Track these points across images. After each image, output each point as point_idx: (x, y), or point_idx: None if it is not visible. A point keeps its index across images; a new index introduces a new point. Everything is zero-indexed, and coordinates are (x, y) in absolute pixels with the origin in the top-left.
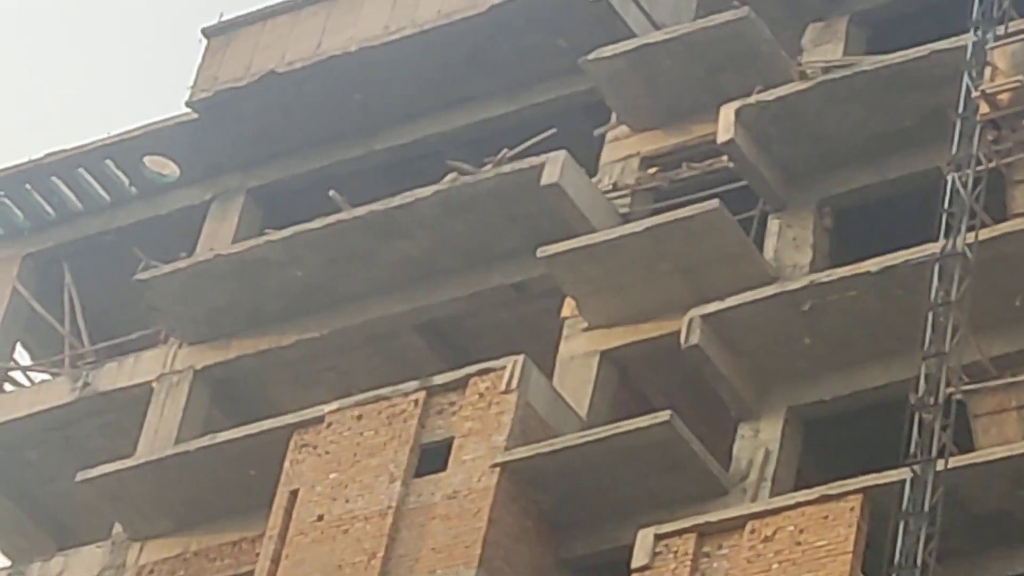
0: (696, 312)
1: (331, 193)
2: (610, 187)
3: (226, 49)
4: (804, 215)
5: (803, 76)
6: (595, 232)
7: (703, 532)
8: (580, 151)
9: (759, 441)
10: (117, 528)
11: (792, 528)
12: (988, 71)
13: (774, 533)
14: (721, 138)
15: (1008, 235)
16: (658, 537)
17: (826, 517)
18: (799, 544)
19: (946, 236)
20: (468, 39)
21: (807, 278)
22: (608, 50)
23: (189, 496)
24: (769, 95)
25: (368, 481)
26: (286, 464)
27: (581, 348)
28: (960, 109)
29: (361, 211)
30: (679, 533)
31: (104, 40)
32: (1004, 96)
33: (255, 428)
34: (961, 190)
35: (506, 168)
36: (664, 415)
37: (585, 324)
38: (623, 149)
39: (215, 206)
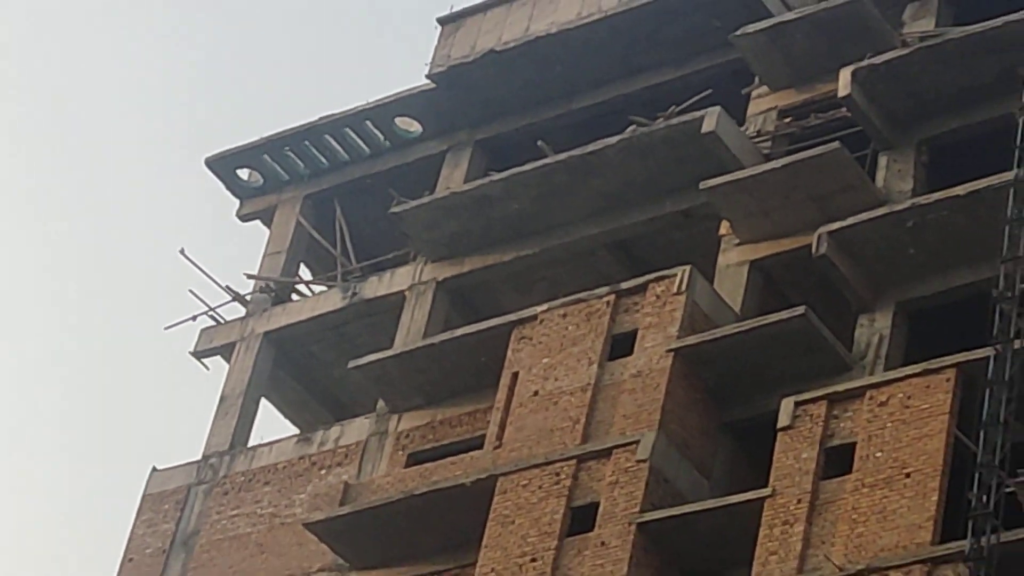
0: (824, 229)
1: (539, 143)
2: (755, 134)
3: (456, 33)
4: (906, 153)
5: (904, 44)
6: (744, 168)
7: (832, 399)
8: (731, 107)
9: (874, 328)
10: (380, 404)
11: (901, 396)
12: None
13: (887, 399)
14: (841, 94)
15: None
16: (797, 404)
17: (928, 387)
18: (907, 408)
19: (1018, 166)
20: (645, 21)
21: (910, 201)
22: (752, 27)
23: (435, 378)
24: (878, 60)
25: (572, 364)
26: (508, 352)
27: (735, 259)
28: None
29: (563, 156)
30: (813, 401)
31: (358, 31)
32: None
33: (484, 325)
34: None
35: (674, 121)
36: (800, 309)
37: (738, 240)
38: (764, 104)
39: (450, 155)
